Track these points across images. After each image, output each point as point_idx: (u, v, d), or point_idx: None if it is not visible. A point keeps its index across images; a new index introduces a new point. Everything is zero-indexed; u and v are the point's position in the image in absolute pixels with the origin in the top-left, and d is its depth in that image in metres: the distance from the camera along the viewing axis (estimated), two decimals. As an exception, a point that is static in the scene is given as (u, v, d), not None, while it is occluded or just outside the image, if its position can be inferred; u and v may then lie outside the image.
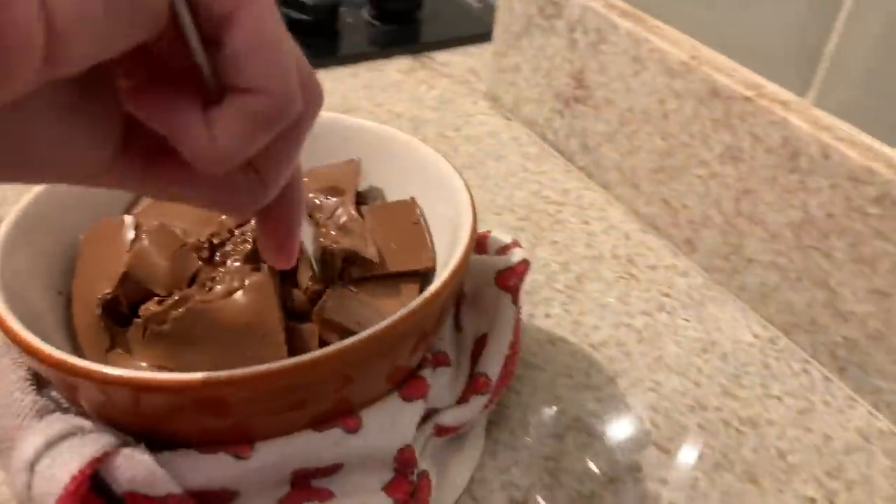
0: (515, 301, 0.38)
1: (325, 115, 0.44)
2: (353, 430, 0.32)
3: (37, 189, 0.38)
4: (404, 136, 0.43)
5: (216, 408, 0.29)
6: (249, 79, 0.22)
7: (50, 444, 0.28)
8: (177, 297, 0.34)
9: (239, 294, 0.34)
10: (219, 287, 0.34)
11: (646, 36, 0.53)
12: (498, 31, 0.68)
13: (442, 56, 0.79)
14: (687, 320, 0.50)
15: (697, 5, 0.53)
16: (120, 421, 0.31)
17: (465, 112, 0.70)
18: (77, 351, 0.36)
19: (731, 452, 0.41)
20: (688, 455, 0.41)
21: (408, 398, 0.33)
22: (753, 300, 0.50)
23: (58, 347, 0.29)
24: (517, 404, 0.43)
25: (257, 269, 0.35)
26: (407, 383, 0.34)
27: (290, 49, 0.23)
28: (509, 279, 0.38)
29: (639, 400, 0.44)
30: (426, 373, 0.35)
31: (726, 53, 0.51)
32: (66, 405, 0.32)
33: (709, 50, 0.52)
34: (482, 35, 0.81)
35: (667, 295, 0.52)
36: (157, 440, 0.31)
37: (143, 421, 0.31)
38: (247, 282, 0.34)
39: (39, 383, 0.32)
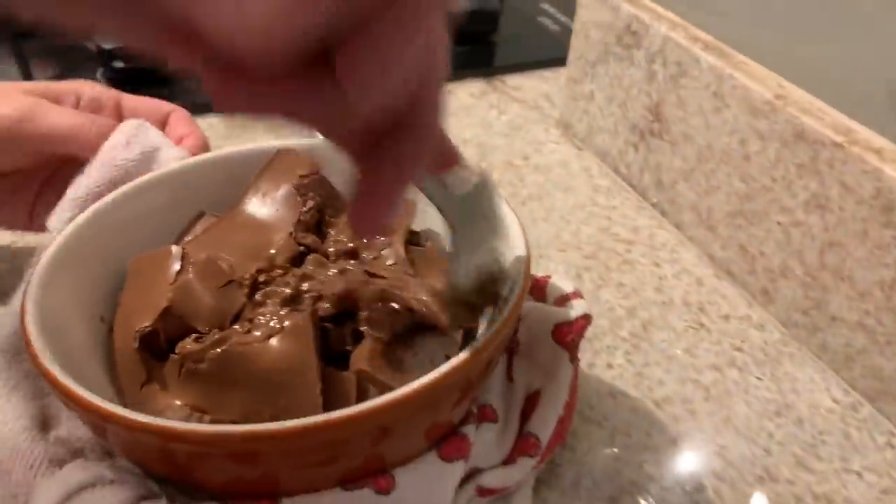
0: (573, 359, 0.36)
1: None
2: (384, 492, 0.30)
3: (88, 212, 0.37)
4: None
5: (245, 459, 0.28)
6: None
7: (69, 496, 0.27)
8: (216, 337, 0.33)
9: (277, 339, 0.32)
10: (258, 330, 0.33)
11: (729, 72, 0.50)
12: (573, 57, 0.66)
13: (515, 80, 0.77)
14: (760, 378, 0.46)
15: (785, 41, 0.50)
16: (146, 464, 0.30)
17: (536, 139, 0.67)
18: (114, 381, 0.35)
19: (803, 532, 0.38)
20: (754, 532, 0.38)
21: (447, 458, 0.31)
22: (835, 361, 0.46)
23: (94, 376, 0.28)
24: (570, 462, 0.40)
25: (297, 311, 0.34)
26: (447, 441, 0.32)
27: None
28: (567, 335, 0.36)
29: (703, 465, 0.41)
30: (469, 429, 0.33)
31: (815, 93, 0.47)
32: (77, 446, 0.31)
33: (796, 89, 0.48)
34: (557, 59, 0.79)
35: (739, 349, 0.48)
36: (180, 486, 0.29)
37: (169, 467, 0.29)
38: (286, 324, 0.33)
39: (46, 426, 0.32)
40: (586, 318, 0.36)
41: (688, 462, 0.41)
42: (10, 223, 0.46)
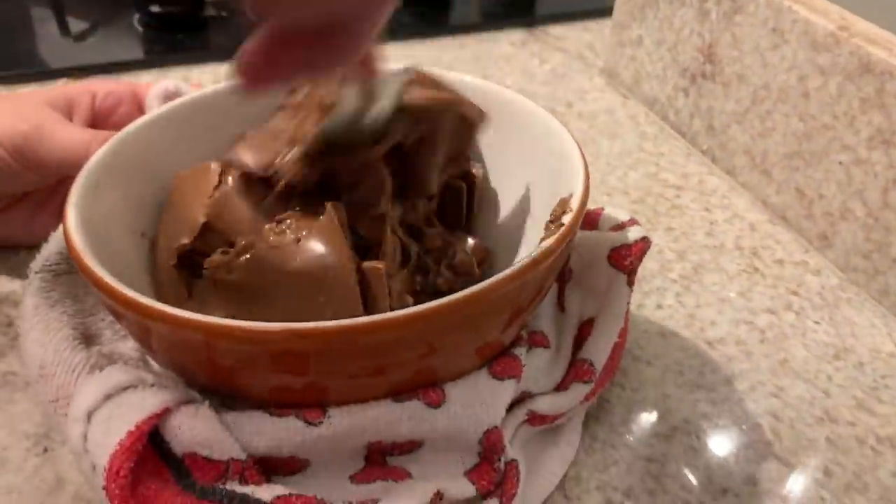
0: (631, 283, 0.34)
1: (423, 69, 0.41)
2: (435, 405, 0.29)
3: (131, 126, 0.36)
4: (510, 93, 0.39)
5: (290, 362, 0.27)
6: None
7: (109, 396, 0.26)
8: (242, 244, 0.32)
9: (306, 237, 0.31)
10: (285, 232, 0.31)
11: (788, 5, 0.48)
12: (620, 1, 0.64)
13: (557, 30, 0.75)
14: (818, 323, 0.44)
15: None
16: (189, 370, 0.29)
17: (579, 88, 0.65)
18: (157, 299, 0.34)
19: (866, 474, 0.36)
20: (814, 472, 0.36)
21: (498, 376, 0.30)
22: (897, 305, 0.44)
23: (138, 290, 0.27)
24: (620, 399, 0.39)
25: (320, 211, 0.32)
26: (498, 360, 0.30)
27: None
28: (625, 258, 0.34)
29: (759, 406, 0.39)
30: (520, 351, 0.31)
31: (881, 24, 0.45)
32: (116, 359, 0.30)
33: (859, 20, 0.46)
34: (601, 10, 0.76)
35: (795, 293, 0.46)
36: (224, 398, 0.28)
37: (212, 372, 0.28)
38: (314, 225, 0.31)
39: (87, 341, 0.31)
40: (645, 241, 0.35)
41: (743, 402, 0.39)
42: (7, 238, 0.44)
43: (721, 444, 0.37)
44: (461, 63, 0.68)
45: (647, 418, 0.38)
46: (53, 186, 0.43)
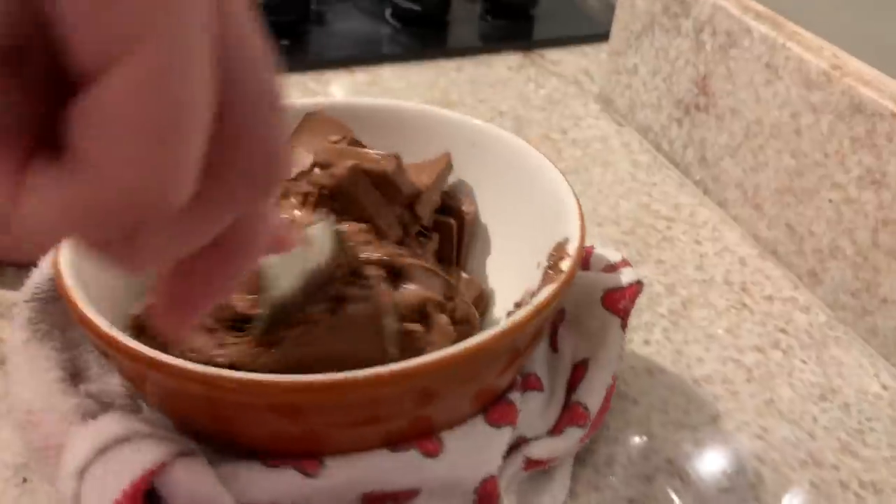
0: (624, 326, 0.34)
1: (418, 107, 0.41)
2: (432, 455, 0.29)
3: None
4: (507, 135, 0.39)
5: (287, 412, 0.27)
6: (84, 143, 0.14)
7: (102, 450, 0.26)
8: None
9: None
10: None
11: (783, 42, 0.48)
12: (616, 29, 0.64)
13: (554, 54, 0.75)
14: (805, 362, 0.44)
15: (842, 9, 0.48)
16: (184, 416, 0.29)
17: (574, 114, 0.65)
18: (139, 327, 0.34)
19: (849, 520, 0.36)
20: (796, 517, 0.36)
21: (495, 424, 0.30)
22: (885, 346, 0.44)
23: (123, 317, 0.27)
24: (604, 438, 0.38)
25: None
26: (494, 407, 0.31)
27: (188, 119, 0.15)
28: (619, 301, 0.34)
29: (743, 447, 0.39)
30: (515, 396, 0.31)
31: (874, 64, 0.45)
32: (107, 401, 0.30)
33: (852, 59, 0.46)
34: (599, 35, 0.77)
35: (783, 331, 0.46)
36: (218, 443, 0.28)
37: (210, 419, 0.28)
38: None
39: (76, 378, 0.30)
40: (639, 285, 0.35)
41: (727, 443, 0.39)
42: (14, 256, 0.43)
43: (704, 486, 0.37)
44: (456, 86, 0.68)
45: (631, 458, 0.38)
46: None
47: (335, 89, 0.66)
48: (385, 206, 0.36)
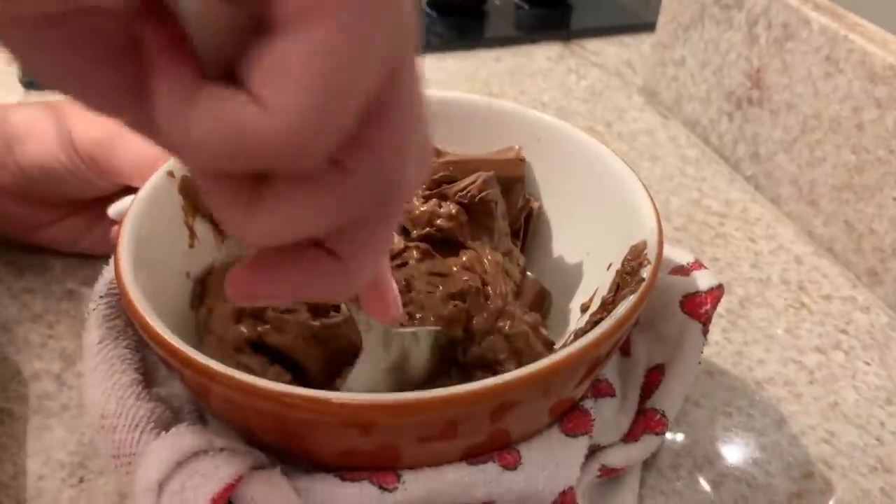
0: (705, 332, 0.33)
1: (487, 100, 0.40)
2: (510, 467, 0.28)
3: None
4: (576, 131, 0.38)
5: (361, 429, 0.26)
6: (261, 82, 0.16)
7: (179, 463, 0.25)
8: None
9: None
10: None
11: (844, 34, 0.47)
12: (663, 21, 0.62)
13: (593, 44, 0.73)
14: (868, 363, 0.43)
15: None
16: (255, 431, 0.28)
17: (618, 106, 0.64)
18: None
19: (923, 529, 0.35)
20: (870, 526, 0.35)
21: (571, 433, 0.29)
22: (951, 348, 0.43)
23: (181, 328, 0.27)
24: (669, 442, 0.38)
25: None
26: (569, 416, 0.30)
27: (349, 85, 0.17)
28: (700, 306, 0.33)
29: (810, 452, 0.38)
30: (588, 404, 0.30)
31: (944, 59, 0.44)
32: (176, 405, 0.29)
33: (919, 54, 0.44)
34: (635, 26, 0.75)
35: (844, 331, 0.45)
36: (291, 457, 0.27)
37: (278, 434, 0.27)
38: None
39: (148, 380, 0.30)
40: (721, 289, 0.34)
41: (794, 447, 0.38)
42: (62, 245, 0.44)
43: (772, 492, 0.36)
44: (496, 77, 0.67)
45: (696, 463, 0.37)
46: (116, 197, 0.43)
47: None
48: (506, 218, 0.36)
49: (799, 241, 0.51)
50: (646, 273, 0.30)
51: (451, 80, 0.66)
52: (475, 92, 0.64)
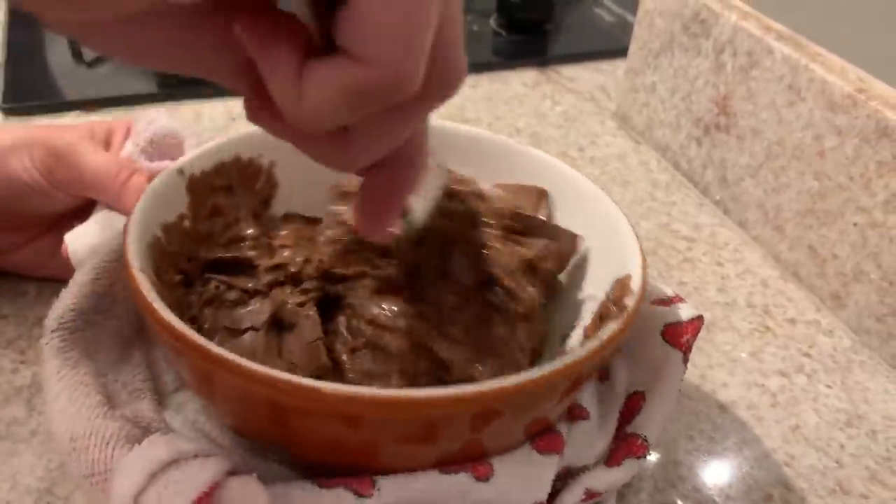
0: (686, 360, 0.35)
1: (486, 134, 0.43)
2: (482, 478, 0.29)
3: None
4: (569, 170, 0.41)
5: (347, 422, 0.27)
6: (358, 45, 0.19)
7: (154, 475, 0.26)
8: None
9: None
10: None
11: (805, 63, 0.48)
12: (634, 47, 0.64)
13: (569, 70, 0.74)
14: (829, 387, 0.44)
15: (866, 32, 0.48)
16: (242, 418, 0.29)
17: (591, 131, 0.65)
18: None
19: (879, 551, 0.36)
20: (826, 548, 0.36)
21: (542, 451, 0.30)
22: (911, 371, 0.44)
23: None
24: (630, 465, 0.38)
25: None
26: (542, 436, 0.31)
27: (425, 20, 0.20)
28: (681, 335, 0.34)
29: (771, 475, 0.39)
30: (561, 426, 0.32)
31: (900, 88, 0.45)
32: (143, 424, 0.30)
33: (877, 82, 0.46)
34: (613, 51, 0.76)
35: (807, 355, 0.46)
36: (272, 447, 0.29)
37: (268, 421, 0.29)
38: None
39: (111, 404, 0.30)
40: (700, 320, 0.35)
41: (754, 471, 0.39)
42: (35, 269, 0.44)
43: (732, 515, 0.36)
44: (472, 103, 0.68)
45: (657, 486, 0.37)
46: (81, 217, 0.43)
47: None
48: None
49: (766, 265, 0.52)
50: (630, 302, 0.31)
51: (427, 105, 0.67)
52: (450, 118, 0.65)
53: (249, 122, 0.24)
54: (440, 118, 0.44)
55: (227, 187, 0.38)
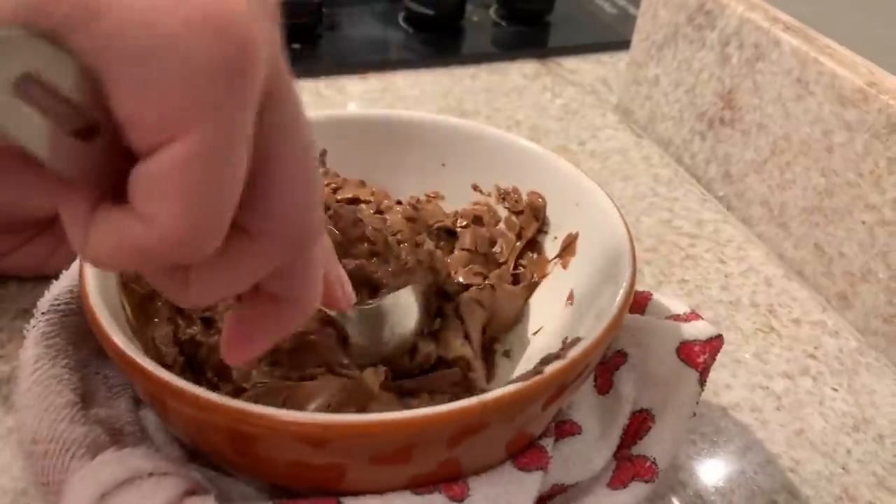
0: (703, 382, 0.33)
1: (481, 128, 0.42)
2: (458, 499, 0.27)
3: None
4: (566, 165, 0.40)
5: (311, 445, 0.25)
6: (137, 201, 0.18)
7: (104, 496, 0.24)
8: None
9: None
10: None
11: (814, 56, 0.46)
12: (637, 39, 0.62)
13: (570, 62, 0.73)
14: (835, 390, 0.42)
15: (877, 23, 0.46)
16: (205, 444, 0.28)
17: (592, 125, 0.64)
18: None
19: (887, 561, 0.34)
20: (833, 558, 0.34)
21: (524, 468, 0.28)
22: (920, 375, 0.43)
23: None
24: (630, 469, 0.37)
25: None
26: (524, 452, 0.29)
27: (214, 180, 0.18)
28: (699, 355, 0.32)
29: (775, 481, 0.37)
30: (546, 442, 0.30)
31: (912, 82, 0.43)
32: (116, 426, 0.28)
33: (888, 75, 0.44)
34: (614, 44, 0.75)
35: (812, 356, 0.44)
36: (236, 468, 0.27)
37: (232, 449, 0.27)
38: None
39: (85, 401, 0.29)
40: (720, 340, 0.33)
41: (758, 476, 0.37)
42: (32, 270, 0.43)
43: (735, 523, 0.35)
44: (471, 94, 0.66)
45: (660, 493, 0.36)
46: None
47: (348, 96, 0.65)
48: None
49: (770, 263, 0.51)
50: (612, 310, 0.30)
51: (424, 97, 0.65)
52: (449, 110, 0.63)
53: None
54: (436, 111, 0.42)
55: None
